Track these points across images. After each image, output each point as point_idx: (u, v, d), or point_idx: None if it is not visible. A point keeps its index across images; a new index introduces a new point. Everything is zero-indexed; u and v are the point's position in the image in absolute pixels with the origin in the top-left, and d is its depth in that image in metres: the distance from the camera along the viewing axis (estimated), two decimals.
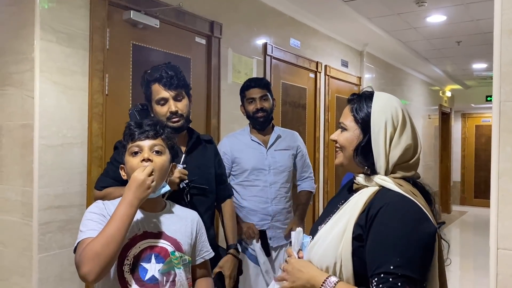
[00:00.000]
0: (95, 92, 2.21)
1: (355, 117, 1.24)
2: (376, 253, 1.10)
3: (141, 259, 1.32)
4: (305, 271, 1.18)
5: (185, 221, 1.46)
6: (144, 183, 1.26)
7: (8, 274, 2.09)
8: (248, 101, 2.45)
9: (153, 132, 1.39)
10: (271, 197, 2.44)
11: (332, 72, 4.51)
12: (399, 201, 1.13)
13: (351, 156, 1.25)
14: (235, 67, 3.20)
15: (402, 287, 1.05)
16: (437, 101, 8.27)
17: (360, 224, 1.14)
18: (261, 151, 2.46)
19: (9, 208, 2.09)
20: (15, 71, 2.05)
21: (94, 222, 1.31)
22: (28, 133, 2.00)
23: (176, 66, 1.84)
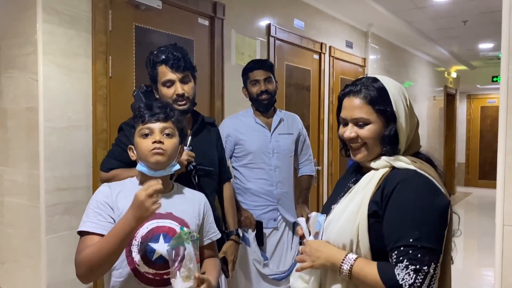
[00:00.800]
0: (98, 74, 2.20)
1: (375, 108, 1.22)
2: (394, 227, 1.14)
3: (149, 239, 1.34)
4: (324, 250, 1.21)
5: (193, 202, 1.48)
6: (143, 204, 1.21)
7: (17, 255, 2.12)
8: (252, 83, 2.43)
9: (164, 115, 1.40)
10: (276, 180, 2.44)
11: (336, 53, 4.47)
12: (413, 177, 1.17)
13: (376, 148, 1.24)
14: (239, 49, 3.17)
15: (422, 258, 1.09)
16: (442, 82, 8.20)
17: (375, 201, 1.18)
18: (266, 134, 2.46)
19: (17, 190, 2.11)
20: (18, 54, 2.05)
21: (96, 213, 1.33)
22: (33, 116, 2.00)
23: (182, 48, 1.82)
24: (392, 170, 1.21)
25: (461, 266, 4.82)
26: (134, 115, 1.44)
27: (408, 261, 1.09)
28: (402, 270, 1.09)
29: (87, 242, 1.30)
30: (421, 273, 1.08)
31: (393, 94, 1.23)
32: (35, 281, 2.04)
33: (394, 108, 1.22)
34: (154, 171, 1.39)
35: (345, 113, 1.27)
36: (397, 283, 1.09)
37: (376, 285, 1.12)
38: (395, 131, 1.22)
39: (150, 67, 1.79)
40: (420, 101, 6.98)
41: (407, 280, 1.08)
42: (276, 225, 2.44)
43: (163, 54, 1.75)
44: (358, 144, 1.26)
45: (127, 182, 1.45)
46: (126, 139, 1.67)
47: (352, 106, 1.25)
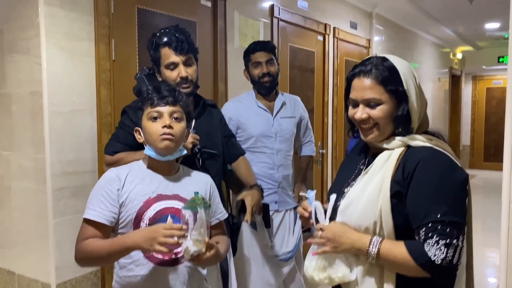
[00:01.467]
0: (101, 58, 2.19)
1: (387, 88, 1.21)
2: (420, 205, 1.15)
3: (157, 220, 1.35)
4: (347, 236, 1.21)
5: (199, 183, 1.48)
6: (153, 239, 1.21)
7: (26, 239, 2.15)
8: (254, 65, 2.41)
9: (173, 98, 1.39)
10: (277, 164, 2.44)
11: (341, 35, 4.42)
12: (433, 155, 1.18)
13: (387, 128, 1.24)
14: (242, 30, 3.14)
15: (451, 232, 1.11)
16: (447, 64, 8.12)
17: (396, 181, 1.18)
18: (268, 118, 2.44)
19: (23, 175, 2.12)
20: (21, 37, 2.04)
21: (99, 200, 1.35)
22: (38, 100, 2.00)
23: (185, 29, 1.80)
24: (408, 149, 1.22)
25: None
26: (141, 97, 1.43)
27: (437, 236, 1.11)
28: (433, 246, 1.11)
29: (88, 231, 1.34)
30: (452, 247, 1.11)
31: (404, 73, 1.22)
32: (44, 263, 2.07)
33: (405, 87, 1.21)
34: (162, 156, 1.39)
35: (356, 94, 1.26)
36: (429, 259, 1.10)
37: (406, 264, 1.13)
38: (407, 111, 1.22)
39: (152, 49, 1.77)
40: (425, 83, 6.92)
41: (438, 255, 1.10)
42: (277, 208, 2.45)
43: (166, 36, 1.73)
44: (369, 125, 1.25)
45: (134, 166, 1.45)
46: (131, 122, 1.67)
47: (362, 86, 1.23)
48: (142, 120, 1.41)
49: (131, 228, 1.35)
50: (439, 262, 1.10)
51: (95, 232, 1.33)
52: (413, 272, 1.15)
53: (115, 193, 1.35)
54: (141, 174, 1.41)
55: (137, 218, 1.34)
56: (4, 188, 2.21)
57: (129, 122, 1.68)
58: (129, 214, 1.35)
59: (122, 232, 1.37)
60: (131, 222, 1.35)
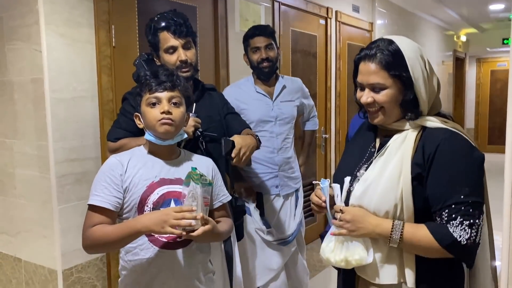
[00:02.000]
0: (102, 44, 2.18)
1: (391, 73, 1.20)
2: (442, 187, 1.16)
3: (160, 204, 1.36)
4: (367, 221, 1.21)
5: (201, 166, 1.48)
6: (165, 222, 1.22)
7: (31, 226, 2.17)
8: (253, 50, 2.39)
9: (171, 83, 1.38)
10: (277, 147, 2.44)
11: (343, 18, 4.37)
12: (452, 136, 1.19)
13: (394, 112, 1.24)
14: (243, 15, 3.11)
15: (473, 212, 1.13)
16: (451, 46, 8.03)
17: (417, 163, 1.18)
18: (267, 103, 2.43)
19: (27, 162, 2.13)
20: (21, 24, 2.03)
21: (102, 186, 1.35)
22: (39, 88, 2.00)
23: (183, 13, 1.79)
24: (425, 131, 1.22)
25: None
26: (140, 83, 1.42)
27: (461, 217, 1.12)
28: (457, 227, 1.12)
29: (94, 218, 1.34)
30: (475, 226, 1.13)
31: (409, 58, 1.20)
32: (49, 250, 2.09)
33: (411, 72, 1.20)
34: (162, 140, 1.40)
35: (361, 78, 1.26)
36: (455, 240, 1.12)
37: (431, 246, 1.15)
38: (414, 95, 1.21)
39: (151, 34, 1.76)
40: None
41: (463, 236, 1.12)
42: (278, 192, 2.46)
43: (164, 20, 1.72)
44: (375, 108, 1.26)
45: (136, 151, 1.45)
46: (131, 108, 1.67)
47: (367, 71, 1.23)
48: (141, 106, 1.41)
49: (135, 212, 1.36)
50: (464, 242, 1.12)
51: (101, 218, 1.33)
52: (436, 254, 1.17)
53: (119, 179, 1.35)
54: (143, 159, 1.41)
55: (141, 203, 1.35)
56: (9, 175, 2.23)
57: (130, 108, 1.68)
58: (133, 198, 1.35)
59: (127, 217, 1.37)
60: (135, 207, 1.35)
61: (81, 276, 2.13)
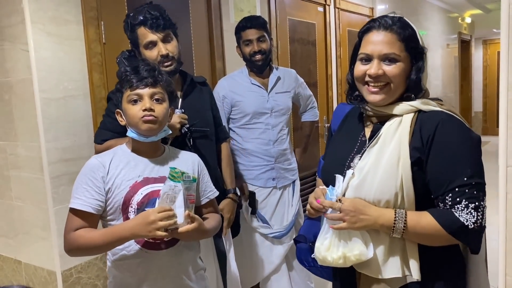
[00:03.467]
0: (91, 41, 2.14)
1: (410, 44, 1.17)
2: (445, 170, 1.11)
3: (145, 204, 1.32)
4: (368, 211, 1.14)
5: (186, 163, 1.45)
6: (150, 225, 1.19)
7: (29, 227, 2.15)
8: (245, 43, 2.36)
9: (152, 79, 1.34)
10: (273, 139, 2.41)
11: (342, 4, 4.29)
12: (449, 118, 1.15)
13: (398, 91, 1.18)
14: (237, 5, 3.05)
15: (478, 194, 1.09)
16: (456, 29, 7.89)
17: (416, 147, 1.13)
18: (262, 94, 2.40)
19: (21, 164, 2.11)
20: (7, 24, 2.00)
21: (83, 189, 1.32)
22: (28, 88, 1.97)
23: (159, 5, 1.72)
24: (421, 114, 1.17)
25: None
26: (120, 79, 1.38)
27: (466, 200, 1.08)
28: (463, 211, 1.08)
29: (75, 221, 1.31)
30: (480, 208, 1.09)
31: (418, 35, 1.20)
32: (48, 251, 2.08)
33: (421, 45, 1.19)
34: (146, 138, 1.36)
35: (372, 48, 1.17)
36: (462, 225, 1.07)
37: (437, 234, 1.10)
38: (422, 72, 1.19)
39: (129, 31, 1.72)
40: (433, 50, 6.74)
41: (470, 219, 1.08)
42: (275, 184, 2.42)
43: (140, 15, 1.67)
44: (381, 84, 1.17)
45: (118, 150, 1.42)
46: (116, 108, 1.64)
47: (381, 40, 1.16)
48: (122, 103, 1.37)
49: (120, 214, 1.33)
50: (472, 226, 1.08)
51: (82, 222, 1.31)
52: (442, 241, 1.13)
53: (100, 181, 1.32)
54: (125, 159, 1.38)
55: (125, 204, 1.32)
56: (4, 178, 2.21)
57: (114, 109, 1.65)
58: (116, 200, 1.32)
59: (111, 219, 1.34)
60: (119, 208, 1.32)
61: (81, 276, 2.12)
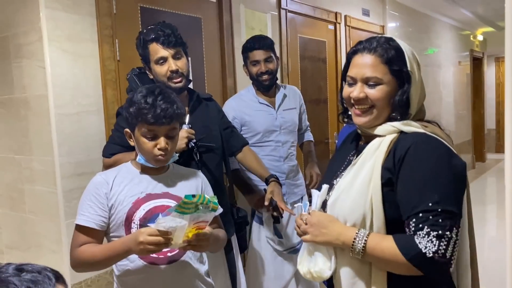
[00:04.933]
0: (106, 58, 2.20)
1: (392, 67, 1.13)
2: (411, 193, 1.06)
3: (147, 220, 1.33)
4: (332, 227, 1.12)
5: (189, 179, 1.47)
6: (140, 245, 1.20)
7: (41, 241, 2.18)
8: (252, 63, 2.38)
9: (169, 119, 1.32)
10: (283, 156, 2.43)
11: (352, 22, 4.33)
12: (426, 139, 1.10)
13: (383, 113, 1.15)
14: (249, 24, 3.10)
15: (443, 223, 1.01)
16: (468, 46, 7.88)
17: (387, 168, 1.09)
18: (271, 112, 2.43)
19: (35, 178, 2.15)
20: (25, 42, 2.06)
21: (88, 205, 1.34)
22: (44, 104, 2.02)
23: (171, 24, 1.79)
24: (401, 135, 1.12)
25: (494, 233, 4.71)
26: (135, 109, 1.34)
27: (429, 227, 1.01)
28: (424, 238, 1.00)
29: (80, 238, 1.34)
30: (444, 239, 1.00)
31: (409, 56, 1.15)
32: (58, 264, 2.09)
33: (409, 69, 1.14)
34: (155, 166, 1.40)
35: (356, 71, 1.15)
36: (420, 252, 1.00)
37: (395, 258, 1.03)
38: (408, 94, 1.13)
39: (141, 47, 1.76)
40: (445, 68, 6.73)
41: (430, 247, 1.00)
42: (285, 200, 2.40)
43: (152, 32, 1.72)
44: (365, 107, 1.15)
45: (122, 167, 1.44)
46: (126, 124, 1.66)
47: (364, 63, 1.14)
48: (135, 131, 1.37)
49: (123, 230, 1.34)
50: (430, 255, 0.99)
51: (86, 238, 1.33)
52: (403, 269, 1.04)
53: (104, 197, 1.34)
54: (129, 176, 1.40)
55: (128, 220, 1.34)
56: (18, 191, 2.25)
57: (124, 124, 1.67)
58: (119, 216, 1.34)
59: (115, 236, 1.36)
60: (122, 224, 1.34)
61: None
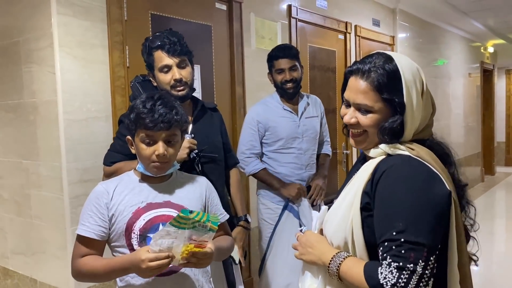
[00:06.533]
0: (116, 65, 2.20)
1: (383, 96, 1.05)
2: (380, 220, 1.00)
3: (147, 230, 1.31)
4: (317, 246, 1.12)
5: (193, 186, 1.44)
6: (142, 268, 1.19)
7: (46, 246, 2.17)
8: (277, 72, 2.43)
9: (168, 124, 1.30)
10: (305, 164, 2.48)
11: (362, 33, 4.32)
12: (403, 163, 1.03)
13: (376, 138, 1.09)
14: (259, 32, 3.10)
15: (406, 254, 0.94)
16: (478, 58, 7.83)
17: (367, 192, 1.05)
18: (294, 119, 2.47)
19: (42, 183, 2.14)
20: (36, 48, 2.07)
21: (88, 215, 1.33)
22: (53, 109, 2.02)
23: (178, 32, 1.76)
24: (385, 157, 1.07)
25: (503, 249, 4.65)
26: (135, 114, 1.32)
27: (391, 257, 0.95)
28: (386, 268, 0.95)
29: (81, 248, 1.32)
30: (405, 271, 0.93)
31: (407, 80, 1.05)
32: (63, 271, 2.08)
33: (405, 99, 1.04)
34: (154, 175, 1.36)
35: (348, 95, 1.11)
36: (378, 282, 0.95)
37: (361, 286, 0.99)
38: (400, 123, 1.05)
39: (146, 53, 1.73)
40: (455, 79, 6.69)
41: (389, 279, 0.94)
42: None
43: (158, 39, 1.69)
44: (358, 131, 1.11)
45: (125, 177, 1.41)
46: (127, 132, 1.65)
47: (356, 89, 1.08)
48: (135, 137, 1.36)
49: (123, 240, 1.32)
50: (388, 286, 0.94)
51: (88, 248, 1.31)
52: None
53: (104, 207, 1.32)
54: (130, 185, 1.37)
55: (128, 230, 1.31)
56: (24, 196, 2.25)
57: (126, 132, 1.64)
58: (119, 226, 1.32)
59: (116, 245, 1.34)
60: (123, 234, 1.32)
61: None
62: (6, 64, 2.24)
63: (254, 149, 2.42)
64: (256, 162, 2.42)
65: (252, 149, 2.42)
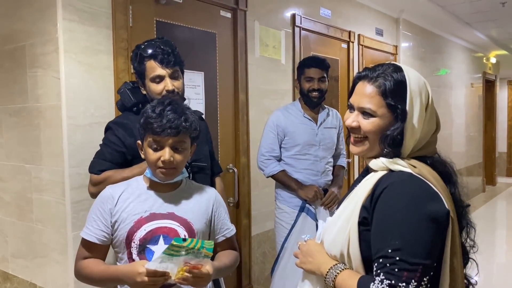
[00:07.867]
0: (120, 71, 2.20)
1: (387, 101, 1.06)
2: (377, 236, 1.01)
3: (148, 241, 1.30)
4: (316, 256, 1.13)
5: (200, 199, 1.41)
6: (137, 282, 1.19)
7: (47, 251, 2.17)
8: (306, 79, 2.53)
9: (175, 129, 1.28)
10: (321, 171, 2.57)
11: (366, 42, 4.33)
12: (404, 180, 1.03)
13: (377, 146, 1.10)
14: (263, 40, 3.11)
15: (399, 273, 0.94)
16: (480, 69, 7.84)
17: (365, 207, 1.06)
18: (313, 127, 2.57)
19: (44, 187, 2.14)
20: (41, 52, 2.08)
21: (92, 219, 1.34)
22: (57, 114, 2.03)
23: (171, 42, 1.71)
24: (386, 173, 1.07)
25: (503, 260, 4.63)
26: (144, 119, 1.32)
27: (384, 275, 0.95)
28: (378, 285, 0.95)
29: (83, 250, 1.35)
30: None
31: (412, 91, 1.06)
32: (63, 276, 2.08)
33: (407, 107, 1.05)
34: (162, 181, 1.35)
35: (354, 99, 1.12)
36: None
37: None
38: (400, 132, 1.06)
39: (137, 61, 1.68)
40: (457, 89, 6.70)
41: None
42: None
43: (151, 48, 1.64)
44: (359, 136, 1.12)
45: (133, 182, 1.40)
46: (116, 139, 1.63)
47: (362, 92, 1.10)
48: (143, 141, 1.35)
49: (124, 247, 1.32)
50: None
51: (89, 251, 1.33)
52: None
53: (107, 213, 1.32)
54: (137, 191, 1.36)
55: (128, 239, 1.31)
56: (26, 200, 2.25)
57: (115, 139, 1.64)
58: (121, 234, 1.32)
59: (117, 251, 1.35)
60: (124, 242, 1.32)
61: None
62: (11, 68, 2.25)
63: (274, 152, 2.54)
64: (275, 164, 2.53)
65: (272, 152, 2.53)
